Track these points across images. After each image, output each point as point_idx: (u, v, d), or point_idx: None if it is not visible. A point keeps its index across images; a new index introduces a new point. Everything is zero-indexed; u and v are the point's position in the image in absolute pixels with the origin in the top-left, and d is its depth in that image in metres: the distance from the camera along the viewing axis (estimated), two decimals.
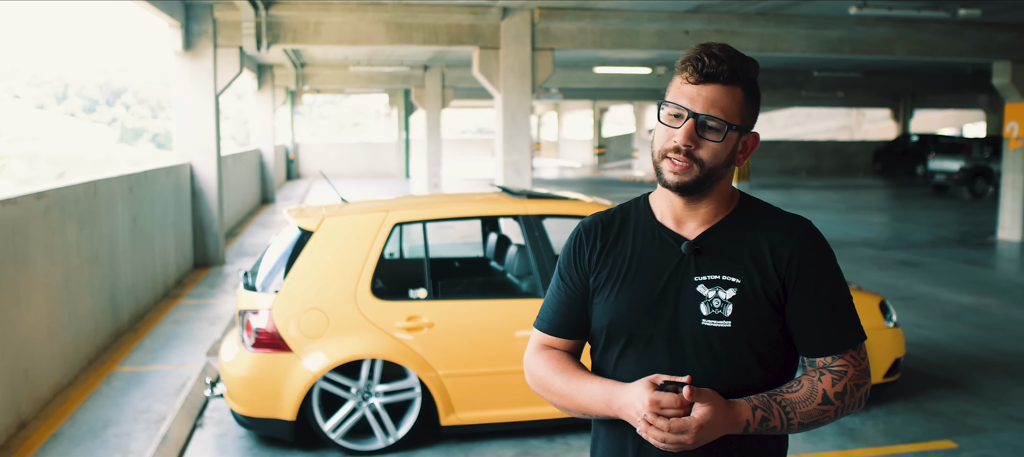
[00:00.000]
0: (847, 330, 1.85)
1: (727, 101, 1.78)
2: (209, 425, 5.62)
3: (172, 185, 10.47)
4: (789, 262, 1.83)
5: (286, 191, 25.70)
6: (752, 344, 1.82)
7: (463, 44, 12.58)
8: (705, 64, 1.76)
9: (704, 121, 1.77)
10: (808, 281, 1.83)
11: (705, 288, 1.83)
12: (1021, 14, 12.83)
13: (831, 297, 1.85)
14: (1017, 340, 7.89)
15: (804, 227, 1.88)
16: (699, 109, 1.77)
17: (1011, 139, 14.84)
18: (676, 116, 1.80)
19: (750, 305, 1.81)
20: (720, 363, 1.81)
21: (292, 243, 5.27)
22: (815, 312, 1.83)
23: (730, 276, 1.82)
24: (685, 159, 1.78)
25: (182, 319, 8.43)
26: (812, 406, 1.80)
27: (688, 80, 1.79)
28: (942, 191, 24.95)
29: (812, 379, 1.83)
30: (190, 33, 11.29)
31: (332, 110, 78.02)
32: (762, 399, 1.79)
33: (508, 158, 12.79)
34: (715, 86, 1.77)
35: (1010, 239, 14.83)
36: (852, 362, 1.85)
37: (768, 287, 1.82)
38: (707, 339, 1.81)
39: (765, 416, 1.77)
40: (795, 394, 1.81)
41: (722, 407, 1.73)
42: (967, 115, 45.88)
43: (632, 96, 36.29)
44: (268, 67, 23.18)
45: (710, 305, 1.81)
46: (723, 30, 13.05)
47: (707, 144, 1.78)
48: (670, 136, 1.80)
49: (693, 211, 1.88)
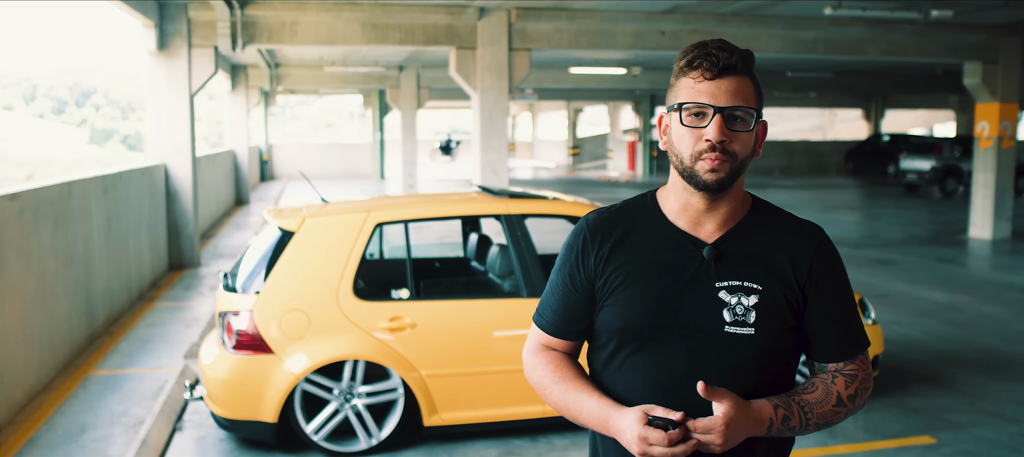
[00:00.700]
0: (857, 337, 1.88)
1: (746, 90, 1.76)
2: (189, 428, 5.56)
3: (147, 186, 10.36)
4: (809, 271, 1.83)
5: (260, 192, 25.53)
6: (773, 350, 1.82)
7: (440, 44, 12.56)
8: (719, 58, 1.74)
9: (731, 113, 1.75)
10: (826, 289, 1.84)
11: (727, 294, 1.80)
12: (992, 15, 13.01)
13: (843, 305, 1.87)
14: (991, 336, 7.99)
15: (820, 235, 1.88)
16: (723, 102, 1.74)
17: (982, 138, 15.03)
18: (698, 115, 1.76)
19: (772, 312, 1.80)
20: (737, 370, 1.79)
21: (273, 244, 5.23)
22: (830, 320, 1.85)
23: (752, 282, 1.80)
24: (721, 155, 1.75)
25: (158, 321, 8.34)
26: (828, 407, 1.82)
27: (703, 77, 1.75)
28: (913, 190, 25.22)
29: (825, 381, 1.85)
30: (164, 33, 11.18)
31: (305, 111, 77.64)
32: (783, 399, 1.79)
33: (485, 158, 12.78)
34: (732, 78, 1.75)
35: (981, 237, 15.02)
36: (861, 366, 1.88)
37: (789, 295, 1.81)
38: (729, 345, 1.79)
39: (787, 415, 1.77)
40: (812, 395, 1.82)
41: (743, 406, 1.72)
42: (937, 115, 46.44)
43: (606, 97, 36.43)
44: (242, 67, 23.02)
45: (733, 312, 1.79)
46: (699, 30, 13.11)
47: (738, 136, 1.76)
48: (699, 137, 1.75)
49: (713, 212, 1.84)
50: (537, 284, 5.27)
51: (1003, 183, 14.92)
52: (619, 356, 1.87)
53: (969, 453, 5.15)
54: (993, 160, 14.86)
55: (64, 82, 71.46)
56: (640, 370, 1.83)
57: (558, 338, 1.96)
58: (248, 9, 11.59)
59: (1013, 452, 5.18)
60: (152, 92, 11.36)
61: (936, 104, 36.30)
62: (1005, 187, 14.95)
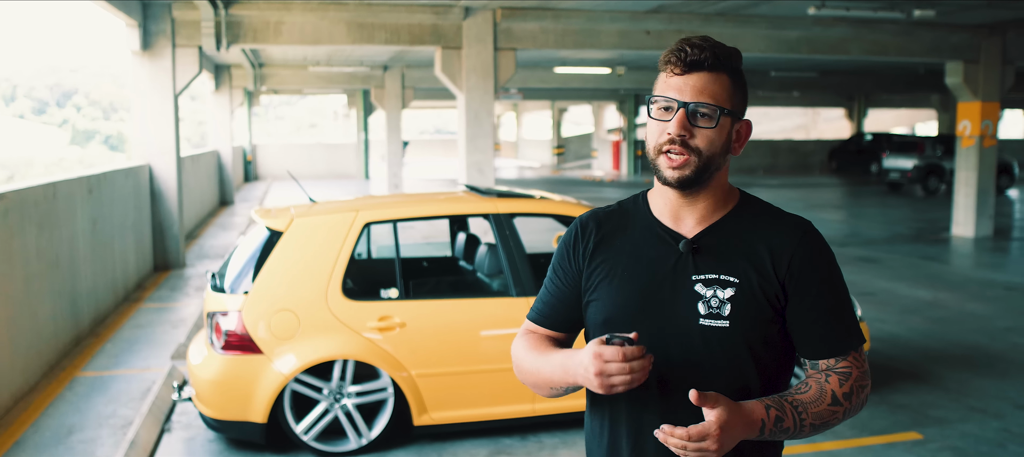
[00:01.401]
0: (848, 332, 1.83)
1: (715, 87, 1.76)
2: (177, 429, 5.54)
3: (131, 187, 10.30)
4: (789, 264, 1.81)
5: (245, 192, 25.42)
6: (750, 345, 1.80)
7: (425, 44, 12.55)
8: (688, 53, 1.75)
9: (694, 109, 1.75)
10: (809, 283, 1.81)
11: (703, 287, 1.80)
12: (973, 15, 13.11)
13: (832, 299, 1.83)
14: (974, 333, 8.06)
15: (804, 228, 1.86)
16: (688, 98, 1.75)
17: (964, 137, 15.15)
18: (665, 109, 1.78)
19: (749, 305, 1.78)
20: (717, 364, 1.79)
21: (261, 244, 5.22)
22: (816, 314, 1.81)
23: (728, 275, 1.80)
24: (682, 150, 1.75)
25: (144, 323, 8.30)
26: (822, 407, 1.78)
27: (673, 72, 1.78)
28: (896, 189, 25.40)
29: (819, 380, 1.81)
30: (148, 32, 11.12)
31: (289, 111, 77.36)
32: (775, 400, 1.75)
33: (471, 158, 12.78)
34: (701, 74, 1.76)
35: (963, 235, 15.14)
36: (855, 363, 1.83)
37: (767, 288, 1.79)
38: (704, 339, 1.79)
39: (779, 416, 1.73)
40: (805, 395, 1.78)
41: (735, 408, 1.68)
42: (919, 114, 46.76)
43: (591, 96, 36.48)
44: (226, 67, 22.92)
45: (708, 304, 1.79)
46: (684, 30, 13.16)
47: (701, 132, 1.76)
48: (663, 130, 1.78)
49: (690, 207, 1.85)
50: (526, 283, 5.28)
51: (985, 181, 15.04)
52: None
53: (955, 449, 5.20)
54: (975, 159, 14.98)
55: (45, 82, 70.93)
56: None
57: (546, 328, 2.00)
58: (232, 9, 11.54)
59: (998, 448, 5.23)
60: (136, 92, 11.30)
61: (918, 103, 36.53)
62: (987, 185, 15.07)
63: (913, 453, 5.13)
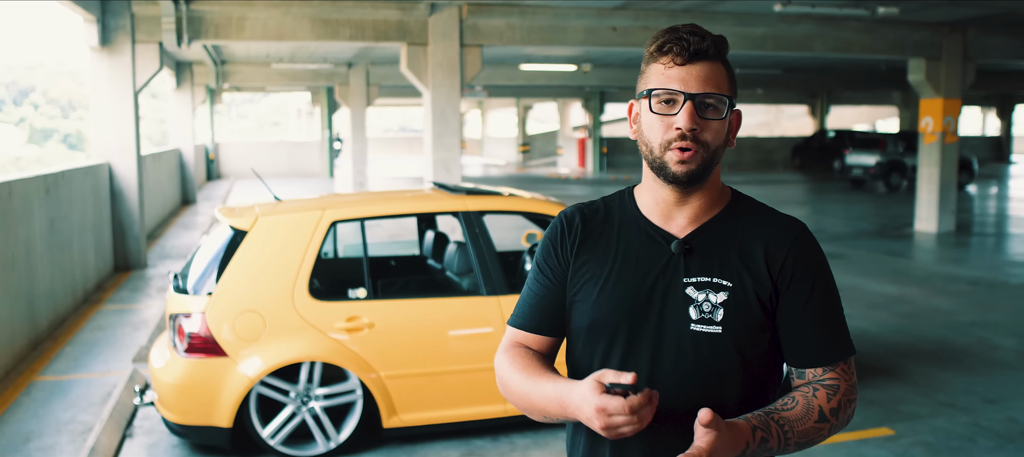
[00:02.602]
0: (838, 341, 1.76)
1: (718, 77, 1.67)
2: (139, 435, 5.39)
3: (91, 186, 10.07)
4: (783, 265, 1.73)
5: (207, 191, 25.08)
6: (741, 351, 1.72)
7: (391, 40, 12.42)
8: (690, 42, 1.65)
9: (702, 100, 1.66)
10: (801, 286, 1.73)
11: (695, 290, 1.72)
12: (935, 13, 13.24)
13: (824, 305, 1.75)
14: (940, 328, 8.11)
15: (799, 229, 1.78)
16: (695, 89, 1.65)
17: (926, 134, 15.31)
18: (668, 102, 1.67)
19: (741, 310, 1.70)
20: (706, 370, 1.71)
21: (224, 243, 5.09)
22: (806, 320, 1.73)
23: (721, 279, 1.72)
24: (692, 145, 1.66)
25: (104, 325, 8.11)
26: (809, 424, 1.69)
27: (674, 62, 1.66)
28: (859, 185, 25.67)
29: (807, 395, 1.73)
30: (107, 28, 10.88)
31: (251, 109, 76.58)
32: (760, 418, 1.66)
33: (437, 155, 12.67)
34: (704, 63, 1.66)
35: (927, 230, 15.31)
36: (843, 376, 1.75)
37: (761, 291, 1.72)
38: (694, 344, 1.70)
39: (764, 436, 1.64)
40: (791, 412, 1.69)
41: (725, 430, 1.58)
42: (880, 111, 47.35)
43: (556, 93, 36.50)
44: (187, 65, 22.59)
45: (700, 309, 1.71)
46: (650, 26, 13.15)
47: (710, 124, 1.67)
48: (669, 125, 1.67)
49: (683, 205, 1.76)
50: (496, 282, 5.20)
51: (947, 177, 15.22)
52: (589, 355, 1.79)
53: (926, 444, 5.21)
54: (937, 155, 15.15)
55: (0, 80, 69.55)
56: (611, 369, 1.73)
57: (529, 333, 1.87)
58: (194, 4, 11.33)
59: (968, 442, 5.25)
60: (95, 89, 11.05)
61: (879, 100, 37.01)
62: (949, 181, 15.25)
63: (885, 449, 5.12)
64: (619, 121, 44.65)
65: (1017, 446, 5.20)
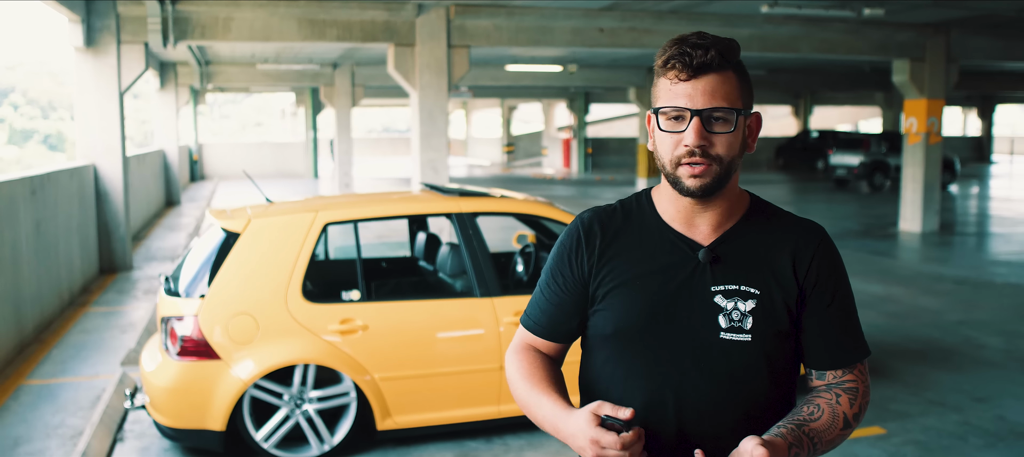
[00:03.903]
0: (857, 344, 1.79)
1: (727, 88, 1.65)
2: (130, 438, 5.34)
3: (76, 188, 10.00)
4: (808, 270, 1.74)
5: (192, 192, 24.95)
6: (769, 358, 1.73)
7: (378, 41, 12.38)
8: (693, 56, 1.63)
9: (709, 115, 1.64)
10: (825, 291, 1.75)
11: (723, 299, 1.71)
12: (920, 14, 13.33)
13: (844, 308, 1.78)
14: (928, 327, 8.17)
15: (821, 234, 1.80)
16: (701, 104, 1.63)
17: (910, 134, 15.41)
18: (676, 118, 1.67)
19: (769, 318, 1.71)
20: (734, 377, 1.71)
21: (217, 246, 5.06)
22: (828, 324, 1.75)
23: (749, 286, 1.72)
24: (702, 160, 1.65)
25: (91, 328, 8.04)
26: (835, 433, 1.72)
27: (678, 78, 1.65)
28: (843, 185, 25.80)
29: (831, 404, 1.75)
30: (92, 28, 10.80)
31: (234, 109, 76.22)
32: (794, 434, 1.66)
33: (425, 156, 12.65)
34: (710, 76, 1.64)
35: (911, 230, 15.41)
36: (860, 378, 1.79)
37: (788, 298, 1.72)
38: (724, 352, 1.70)
39: (798, 452, 1.65)
40: (819, 422, 1.71)
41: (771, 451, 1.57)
42: (863, 111, 47.62)
43: (541, 94, 36.52)
44: (171, 65, 22.46)
45: (729, 317, 1.70)
46: (637, 27, 13.18)
47: (719, 138, 1.66)
48: (678, 142, 1.66)
49: (704, 213, 1.75)
50: (491, 284, 5.19)
51: (931, 177, 15.32)
52: (612, 364, 1.78)
53: (917, 443, 5.24)
54: (921, 155, 15.25)
55: None
56: (634, 379, 1.75)
57: (543, 339, 1.88)
58: (180, 4, 11.27)
59: (960, 440, 5.28)
60: (80, 90, 10.96)
61: (862, 101, 37.20)
62: (933, 181, 15.36)
63: (877, 448, 5.15)
64: (604, 121, 44.75)
65: (1007, 444, 5.24)
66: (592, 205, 8.26)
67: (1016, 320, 8.51)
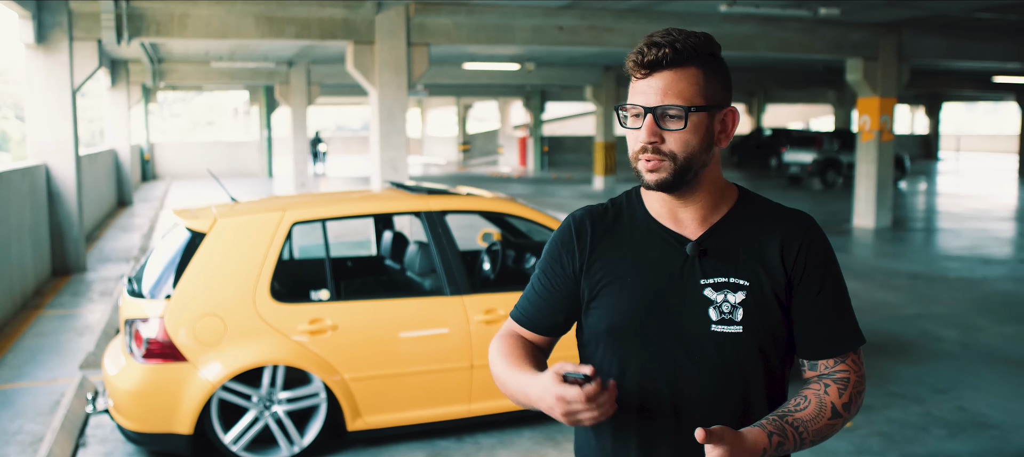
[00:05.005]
0: (849, 332, 1.79)
1: (682, 84, 1.66)
2: (93, 443, 5.23)
3: (28, 188, 9.76)
4: (796, 258, 1.75)
5: (144, 192, 24.53)
6: (762, 348, 1.74)
7: (337, 39, 12.27)
8: (644, 54, 1.66)
9: (662, 112, 1.66)
10: (814, 279, 1.76)
11: (713, 291, 1.72)
12: (873, 14, 13.56)
13: (834, 296, 1.78)
14: (887, 321, 8.30)
15: (809, 223, 1.81)
16: (652, 102, 1.66)
17: (864, 132, 15.67)
18: (636, 116, 1.70)
19: (760, 309, 1.72)
20: (728, 369, 1.73)
21: (182, 246, 4.97)
22: (818, 311, 1.76)
23: (739, 278, 1.73)
24: (655, 156, 1.68)
25: (46, 331, 7.86)
26: (822, 423, 1.73)
27: (636, 76, 1.69)
28: (796, 182, 26.17)
29: (818, 393, 1.76)
30: (43, 25, 10.55)
31: (184, 108, 75.00)
32: (775, 423, 1.69)
33: (385, 155, 12.56)
34: (663, 73, 1.66)
35: (865, 226, 15.67)
36: (853, 368, 1.79)
37: (777, 288, 1.74)
38: (716, 345, 1.72)
39: (781, 441, 1.67)
40: (804, 412, 1.73)
41: (737, 442, 1.60)
42: (814, 110, 48.35)
43: (497, 92, 36.47)
44: (123, 63, 22.04)
45: (719, 310, 1.72)
46: (597, 26, 13.23)
47: (672, 135, 1.67)
48: (636, 138, 1.70)
49: (686, 208, 1.77)
50: (460, 282, 5.17)
51: (884, 174, 15.60)
52: (607, 360, 1.79)
53: (882, 434, 5.32)
54: (874, 152, 15.51)
55: None
56: (630, 374, 1.76)
57: (529, 330, 1.89)
58: (135, 0, 11.06)
59: (923, 431, 5.38)
60: (30, 88, 10.70)
61: (814, 99, 37.75)
62: (886, 178, 15.63)
63: (844, 439, 5.22)
64: (560, 119, 44.87)
65: (969, 434, 5.35)
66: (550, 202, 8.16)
67: (970, 314, 8.70)
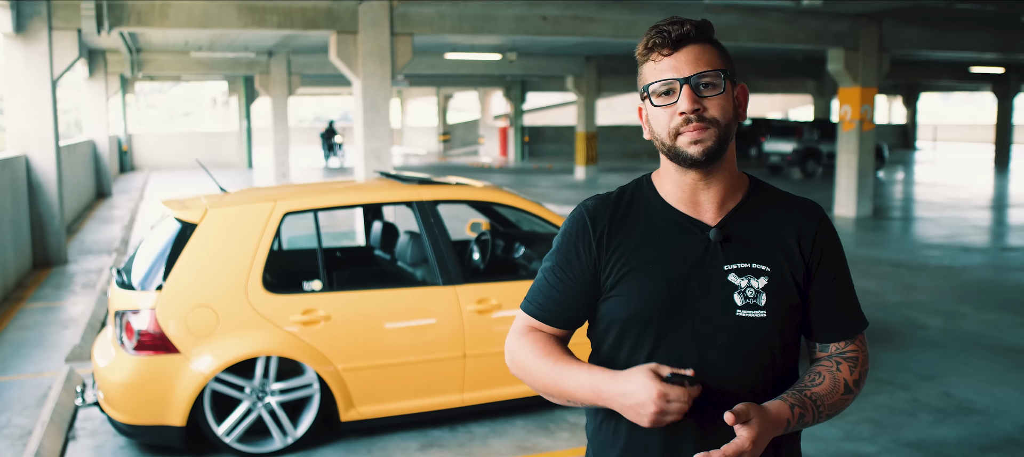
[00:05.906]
0: (857, 315, 1.86)
1: (710, 56, 1.71)
2: (83, 436, 5.19)
3: (8, 179, 9.65)
4: (813, 245, 1.80)
5: (123, 184, 24.32)
6: (783, 333, 1.78)
7: (320, 28, 12.20)
8: (671, 31, 1.70)
9: (697, 81, 1.69)
10: (828, 265, 1.81)
11: (737, 277, 1.75)
12: (854, 5, 13.65)
13: (844, 282, 1.84)
14: (871, 308, 8.37)
15: (820, 211, 1.86)
16: (688, 72, 1.69)
17: (845, 121, 15.77)
18: (666, 93, 1.71)
19: (782, 293, 1.76)
20: (751, 354, 1.75)
21: (172, 237, 4.94)
22: (831, 296, 1.81)
23: (760, 264, 1.76)
24: (699, 123, 1.69)
25: (30, 324, 7.79)
26: (837, 397, 1.79)
27: (662, 55, 1.72)
28: (777, 171, 26.30)
29: (831, 370, 1.81)
30: (22, 14, 10.42)
31: (161, 99, 74.32)
32: (796, 396, 1.75)
33: (369, 145, 12.52)
34: (691, 47, 1.71)
35: (846, 215, 15.79)
36: (860, 347, 1.85)
37: (796, 272, 1.78)
38: (741, 329, 1.74)
39: (802, 413, 1.73)
40: (821, 387, 1.78)
41: (765, 417, 1.66)
42: (794, 100, 48.57)
43: (478, 82, 36.40)
44: (101, 53, 21.81)
45: (744, 295, 1.74)
46: (580, 16, 13.22)
47: (711, 101, 1.70)
48: (672, 114, 1.70)
49: (707, 191, 1.78)
50: (453, 272, 5.16)
51: (865, 163, 15.71)
52: (625, 347, 1.79)
53: (871, 420, 5.38)
54: (855, 142, 15.63)
55: None
56: (651, 360, 1.76)
57: (548, 325, 1.87)
58: None
59: (911, 417, 5.44)
60: (10, 79, 10.58)
61: (794, 89, 37.87)
62: (867, 167, 15.75)
63: (834, 426, 5.27)
64: (541, 109, 44.87)
65: (956, 419, 5.41)
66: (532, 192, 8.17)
67: (952, 301, 8.79)
